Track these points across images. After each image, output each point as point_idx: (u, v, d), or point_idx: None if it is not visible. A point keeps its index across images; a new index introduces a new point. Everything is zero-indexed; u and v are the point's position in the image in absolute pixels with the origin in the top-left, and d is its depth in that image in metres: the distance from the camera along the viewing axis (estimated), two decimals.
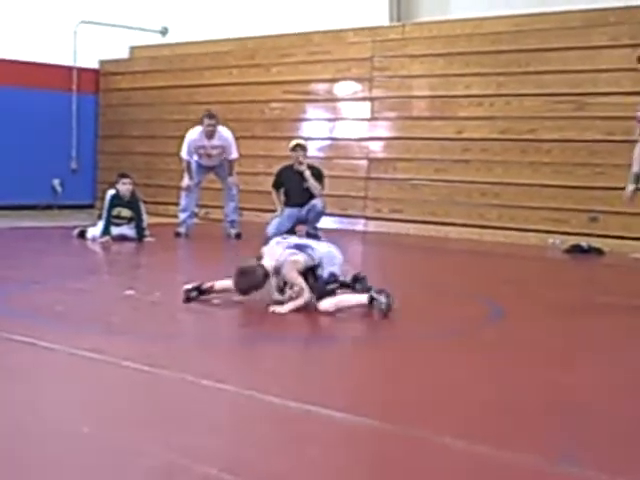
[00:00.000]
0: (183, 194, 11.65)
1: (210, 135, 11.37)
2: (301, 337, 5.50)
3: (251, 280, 5.80)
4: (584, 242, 11.46)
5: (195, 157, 11.58)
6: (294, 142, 11.76)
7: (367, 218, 13.86)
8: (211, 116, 11.43)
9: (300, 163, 11.44)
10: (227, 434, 3.37)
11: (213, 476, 2.84)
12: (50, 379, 4.18)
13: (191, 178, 11.59)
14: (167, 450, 3.06)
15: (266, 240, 11.14)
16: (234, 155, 11.64)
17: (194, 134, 11.53)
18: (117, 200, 10.52)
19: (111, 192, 10.61)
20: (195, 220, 11.78)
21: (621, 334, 5.72)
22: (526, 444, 3.29)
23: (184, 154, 11.65)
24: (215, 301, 6.06)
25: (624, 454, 3.26)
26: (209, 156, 11.51)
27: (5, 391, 3.88)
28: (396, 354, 4.92)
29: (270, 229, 11.40)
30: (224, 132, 11.57)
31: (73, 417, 3.48)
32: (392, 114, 13.72)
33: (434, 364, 4.62)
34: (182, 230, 11.45)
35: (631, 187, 7.31)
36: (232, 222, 11.63)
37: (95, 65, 16.76)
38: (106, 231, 10.34)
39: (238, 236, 11.43)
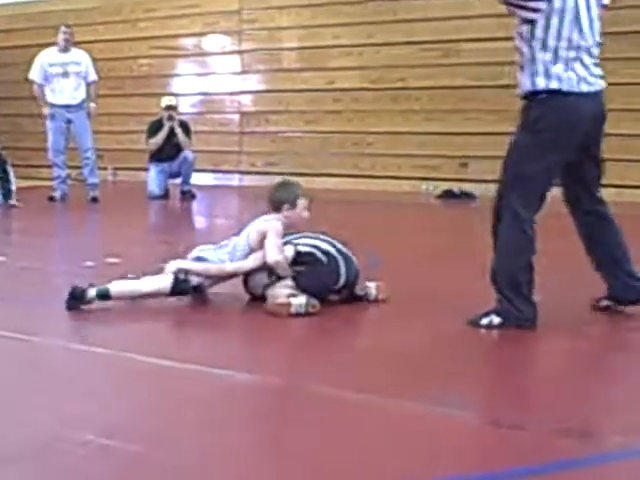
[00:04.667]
0: (51, 153, 11.17)
1: (65, 47, 10.87)
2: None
3: (289, 192, 5.08)
4: (456, 188, 11.68)
5: (48, 88, 10.94)
6: (165, 102, 11.61)
7: (242, 173, 13.82)
8: (67, 25, 10.98)
9: (170, 118, 11.34)
10: (103, 398, 3.33)
11: (90, 442, 2.82)
12: None
13: (46, 104, 11.00)
14: (43, 419, 3.03)
15: (151, 198, 11.22)
16: (93, 76, 11.09)
17: (46, 52, 11.02)
18: None
19: None
20: (69, 182, 11.42)
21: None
22: (407, 391, 3.36)
23: (34, 76, 11.04)
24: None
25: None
26: (65, 75, 10.87)
27: None
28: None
29: (154, 189, 11.35)
30: (80, 52, 11.11)
31: None
32: (262, 67, 13.66)
33: (312, 318, 4.63)
34: (56, 195, 11.13)
35: None
36: (91, 185, 11.08)
37: None
38: None
39: (94, 200, 10.94)
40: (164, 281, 4.80)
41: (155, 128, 11.51)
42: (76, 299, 4.57)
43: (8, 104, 15.70)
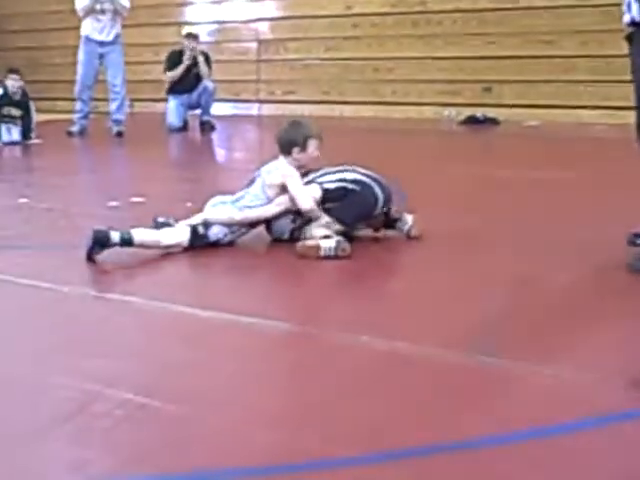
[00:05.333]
0: (78, 88, 10.95)
1: None
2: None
3: (299, 134, 4.86)
4: (479, 113, 11.51)
5: (87, 27, 10.78)
6: (186, 30, 11.44)
7: (260, 101, 13.67)
8: None
9: (192, 49, 11.16)
10: (138, 353, 3.26)
11: (128, 401, 2.74)
12: None
13: None
14: (77, 378, 2.93)
15: (170, 130, 11.10)
16: (126, 2, 10.89)
17: None
18: (6, 99, 10.01)
19: None
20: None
21: (523, 210, 5.74)
22: (442, 339, 3.27)
23: (80, 4, 10.75)
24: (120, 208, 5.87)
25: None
26: (102, 12, 10.65)
27: None
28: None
29: (173, 121, 11.24)
30: None
31: None
32: None
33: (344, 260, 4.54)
34: (75, 129, 11.02)
35: None
36: (116, 121, 10.96)
37: None
38: None
39: (119, 134, 10.85)
40: (183, 235, 4.69)
41: (175, 59, 11.33)
42: (100, 244, 4.46)
43: (22, 37, 15.53)
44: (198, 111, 11.55)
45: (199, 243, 4.70)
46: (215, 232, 4.74)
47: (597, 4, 10.96)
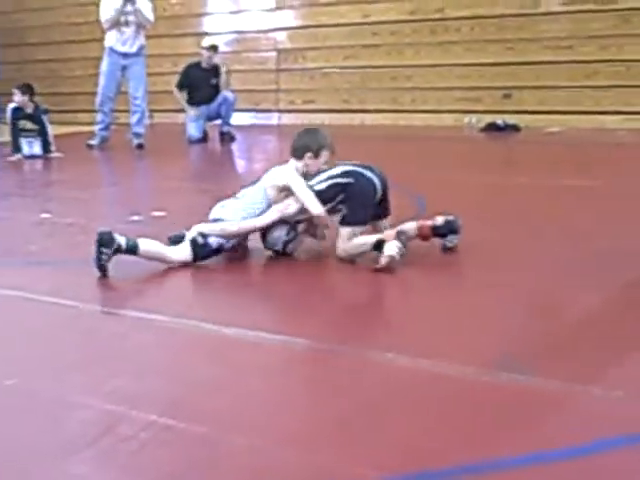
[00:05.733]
0: (100, 99, 11.00)
1: None
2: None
3: (315, 140, 4.89)
4: (500, 119, 11.46)
5: (111, 38, 10.76)
6: (208, 42, 11.47)
7: (280, 111, 13.67)
8: None
9: (210, 57, 11.23)
10: (161, 372, 3.24)
11: (155, 422, 2.72)
12: None
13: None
14: (101, 398, 2.93)
15: (190, 142, 11.12)
16: (150, 16, 10.93)
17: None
18: (20, 113, 10.07)
19: (12, 105, 10.16)
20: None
21: (546, 220, 5.69)
22: (470, 357, 3.23)
23: (105, 16, 10.71)
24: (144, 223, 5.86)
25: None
26: (126, 24, 10.67)
27: None
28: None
29: (193, 133, 11.28)
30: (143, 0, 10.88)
31: None
32: (297, 2, 13.44)
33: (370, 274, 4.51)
34: (94, 142, 11.06)
35: None
36: (136, 134, 11.01)
37: None
38: (16, 148, 9.99)
39: (140, 146, 10.90)
40: (185, 251, 4.69)
41: (188, 74, 11.38)
42: (105, 245, 4.43)
43: (42, 49, 15.59)
44: (218, 122, 11.56)
45: (203, 253, 4.70)
46: (214, 239, 4.74)
47: (616, 8, 10.91)
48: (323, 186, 4.75)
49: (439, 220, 4.83)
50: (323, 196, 4.71)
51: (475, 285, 4.25)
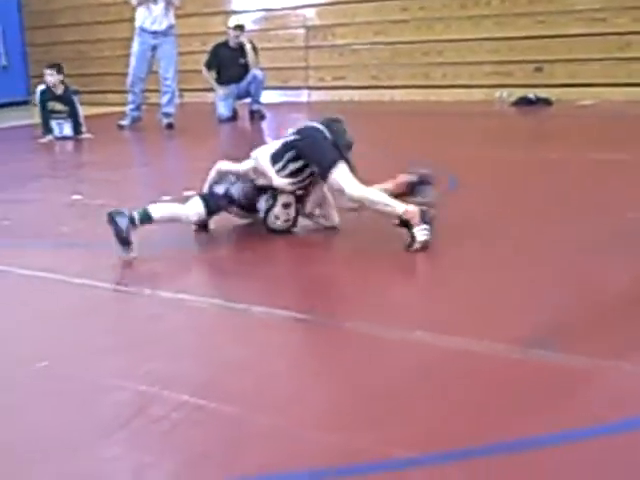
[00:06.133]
0: (130, 80, 10.97)
1: None
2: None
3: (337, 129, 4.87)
4: (531, 93, 11.36)
5: (140, 17, 10.73)
6: (233, 22, 11.43)
7: (310, 88, 13.62)
8: None
9: (237, 37, 11.20)
10: (192, 352, 3.26)
11: (184, 403, 2.74)
12: None
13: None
14: (132, 379, 2.94)
15: (220, 121, 11.11)
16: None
17: None
18: (48, 94, 10.08)
19: (40, 87, 10.18)
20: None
21: (580, 195, 5.64)
22: (501, 334, 3.21)
23: None
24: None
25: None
26: (155, 1, 10.60)
27: None
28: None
29: (223, 111, 11.28)
30: None
31: (27, 350, 3.31)
32: None
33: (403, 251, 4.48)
34: (125, 122, 11.09)
35: None
36: (166, 114, 10.99)
37: None
38: (47, 130, 10.02)
39: (170, 126, 10.89)
40: (196, 204, 4.84)
41: (216, 53, 11.36)
42: (117, 215, 4.52)
43: (71, 30, 15.63)
44: (247, 100, 11.55)
45: (213, 203, 4.86)
46: (220, 187, 4.94)
47: None
48: (277, 146, 4.86)
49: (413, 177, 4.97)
50: (276, 157, 4.80)
51: (504, 263, 4.21)
